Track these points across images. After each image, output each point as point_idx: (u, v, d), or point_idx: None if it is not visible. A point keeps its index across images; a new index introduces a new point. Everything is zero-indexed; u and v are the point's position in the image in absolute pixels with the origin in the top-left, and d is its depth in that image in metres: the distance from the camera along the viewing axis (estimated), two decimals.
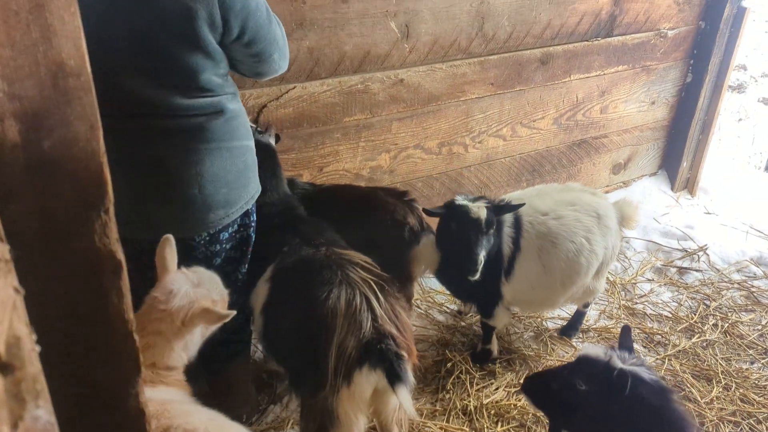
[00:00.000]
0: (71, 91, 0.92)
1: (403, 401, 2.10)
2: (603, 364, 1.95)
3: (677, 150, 4.92)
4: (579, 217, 2.99)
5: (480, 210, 2.76)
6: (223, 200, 2.28)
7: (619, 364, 1.93)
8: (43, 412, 0.56)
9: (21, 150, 0.89)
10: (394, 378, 2.09)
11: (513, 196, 3.17)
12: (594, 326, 3.50)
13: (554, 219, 2.97)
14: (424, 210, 2.91)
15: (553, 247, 2.94)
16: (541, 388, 2.07)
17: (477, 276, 2.74)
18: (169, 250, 1.92)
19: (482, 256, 2.73)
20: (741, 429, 2.87)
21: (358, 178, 3.62)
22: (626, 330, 2.17)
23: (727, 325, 3.54)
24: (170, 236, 1.94)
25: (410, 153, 3.78)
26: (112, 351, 1.16)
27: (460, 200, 2.84)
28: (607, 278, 3.90)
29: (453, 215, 2.80)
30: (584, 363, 2.00)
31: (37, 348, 0.62)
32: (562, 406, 2.05)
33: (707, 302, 3.74)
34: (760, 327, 3.55)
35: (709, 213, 4.70)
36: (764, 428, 2.89)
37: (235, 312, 1.82)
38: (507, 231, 2.93)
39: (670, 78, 4.70)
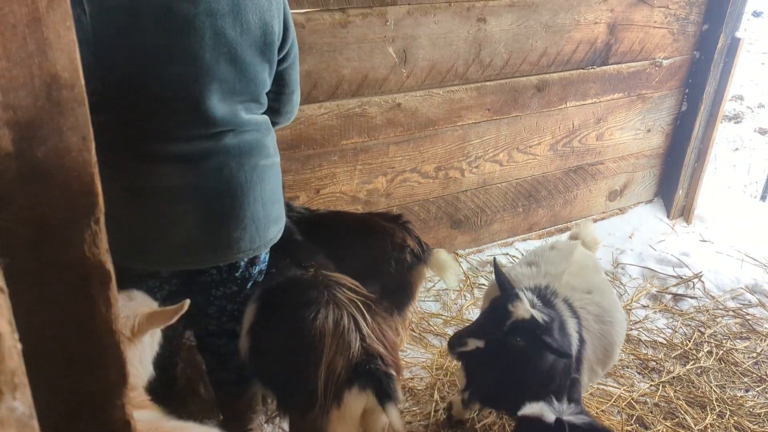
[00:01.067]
0: (65, 102, 0.94)
1: (392, 419, 2.10)
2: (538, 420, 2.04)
3: (673, 178, 4.96)
4: (603, 279, 2.86)
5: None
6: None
7: (551, 417, 2.01)
8: (19, 404, 0.58)
9: (14, 158, 0.92)
10: (384, 397, 2.09)
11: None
12: None
13: (598, 294, 2.71)
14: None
15: (611, 326, 2.67)
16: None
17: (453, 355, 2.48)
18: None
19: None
20: None
21: (354, 201, 3.65)
22: (574, 381, 2.28)
23: (721, 352, 3.53)
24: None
25: (407, 176, 3.82)
26: (98, 361, 1.17)
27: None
28: None
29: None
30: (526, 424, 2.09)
31: (19, 346, 0.63)
32: None
33: (702, 329, 3.73)
34: (755, 354, 3.54)
35: (704, 241, 4.72)
36: None
37: (187, 300, 1.78)
38: (570, 324, 2.51)
39: (666, 106, 4.76)
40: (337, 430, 2.16)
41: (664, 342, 3.61)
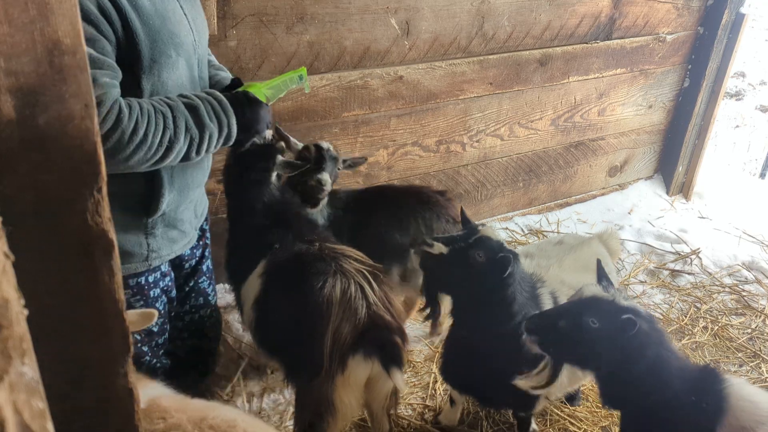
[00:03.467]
0: (67, 68, 0.93)
1: (398, 383, 2.15)
2: (610, 302, 2.03)
3: (673, 154, 4.95)
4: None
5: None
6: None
7: (624, 302, 2.02)
8: (28, 369, 0.58)
9: (16, 125, 0.91)
10: (389, 363, 2.12)
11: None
12: None
13: None
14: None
15: None
16: (550, 326, 2.08)
17: None
18: None
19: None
20: None
21: (355, 174, 3.64)
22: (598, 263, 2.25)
23: (717, 327, 3.56)
24: None
25: (408, 150, 3.80)
26: (101, 329, 1.17)
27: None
28: None
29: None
30: (593, 302, 2.05)
31: (25, 311, 0.64)
32: (571, 344, 2.08)
33: (698, 305, 3.76)
34: (749, 330, 3.57)
35: (703, 217, 4.73)
36: None
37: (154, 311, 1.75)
38: None
39: (668, 82, 4.73)
40: (342, 396, 2.19)
41: (661, 317, 3.64)
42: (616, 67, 4.39)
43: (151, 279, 2.19)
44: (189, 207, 2.24)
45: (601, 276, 2.18)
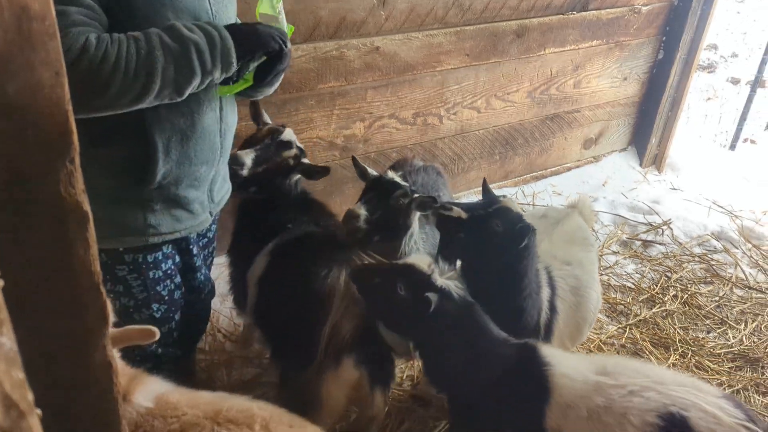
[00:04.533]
0: (35, 35, 0.90)
1: (376, 403, 2.20)
2: (424, 276, 2.08)
3: (647, 126, 5.00)
4: (589, 256, 2.76)
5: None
6: None
7: (438, 282, 2.06)
8: (6, 340, 0.58)
9: None
10: (377, 382, 2.17)
11: None
12: None
13: (578, 268, 2.66)
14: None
15: (586, 301, 2.62)
16: (366, 278, 2.16)
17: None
18: None
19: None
20: None
21: (332, 147, 3.62)
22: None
23: (686, 296, 3.65)
24: None
25: (385, 122, 3.78)
26: (77, 303, 1.16)
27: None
28: None
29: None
30: (409, 271, 2.10)
31: (1, 282, 0.63)
32: (380, 302, 2.15)
33: (669, 274, 3.85)
34: (717, 298, 3.67)
35: (674, 189, 4.81)
36: None
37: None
38: (544, 292, 2.47)
39: (643, 54, 4.76)
40: (330, 390, 2.19)
41: (633, 287, 3.72)
42: (591, 39, 4.40)
43: (150, 258, 2.07)
44: (197, 186, 2.08)
45: (443, 250, 2.27)
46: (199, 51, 1.74)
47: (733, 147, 5.52)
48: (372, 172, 2.59)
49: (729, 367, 3.17)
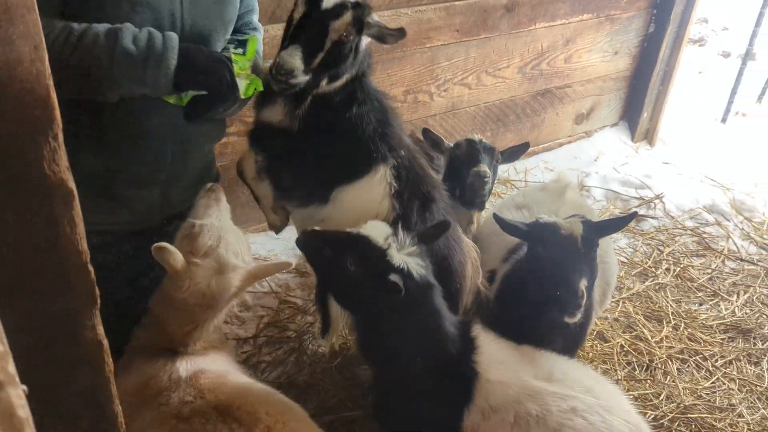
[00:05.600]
0: (13, 8, 0.88)
1: None
2: (380, 253, 1.84)
3: (638, 101, 4.99)
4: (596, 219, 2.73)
5: (575, 226, 2.17)
6: None
7: (396, 260, 1.83)
8: None
9: None
10: None
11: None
12: None
13: None
14: (501, 221, 2.29)
15: (608, 267, 2.61)
16: (317, 248, 1.96)
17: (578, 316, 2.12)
18: None
19: (583, 286, 2.08)
20: (688, 365, 3.02)
21: None
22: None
23: (678, 269, 3.67)
24: None
25: None
26: (66, 282, 1.15)
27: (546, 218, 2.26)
28: None
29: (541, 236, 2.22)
30: (363, 244, 1.87)
31: None
32: (329, 274, 1.99)
33: (661, 248, 3.87)
34: (709, 271, 3.69)
35: (666, 163, 4.81)
36: (709, 365, 3.04)
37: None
38: None
39: (633, 28, 4.72)
40: None
41: (626, 261, 3.73)
42: (582, 13, 4.37)
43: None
44: (140, 186, 2.07)
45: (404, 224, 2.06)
46: (129, 64, 1.77)
47: (724, 120, 5.51)
48: (447, 143, 2.69)
49: (721, 339, 3.20)
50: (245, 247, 2.02)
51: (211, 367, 1.90)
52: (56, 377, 1.22)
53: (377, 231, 1.89)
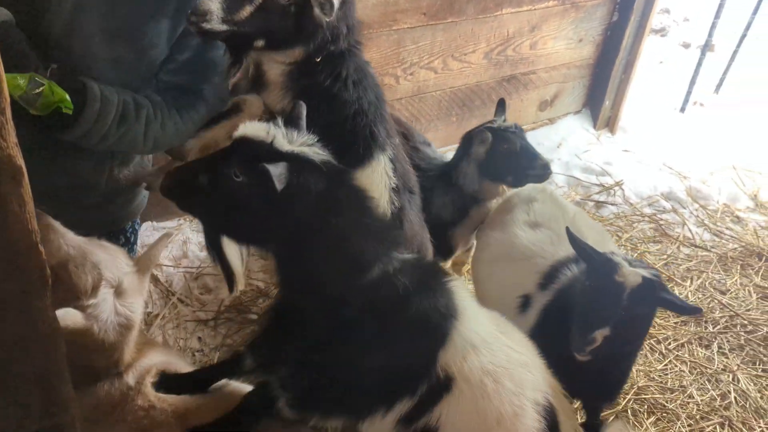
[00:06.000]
0: None
1: None
2: (265, 147, 1.52)
3: (600, 89, 5.06)
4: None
5: (634, 277, 1.93)
6: None
7: (286, 148, 1.53)
8: None
9: None
10: None
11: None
12: None
13: (611, 243, 2.60)
14: (574, 242, 2.08)
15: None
16: (187, 183, 1.60)
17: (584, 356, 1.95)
18: None
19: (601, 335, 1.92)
20: (642, 349, 3.10)
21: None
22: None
23: (636, 255, 3.76)
24: None
25: None
26: (15, 263, 1.11)
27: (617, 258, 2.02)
28: None
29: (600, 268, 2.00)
30: (242, 146, 1.55)
31: None
32: (216, 208, 1.61)
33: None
34: (665, 257, 3.79)
35: (626, 151, 4.91)
36: (663, 348, 3.13)
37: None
38: None
39: (598, 16, 4.77)
40: None
41: None
42: (548, 0, 4.39)
43: None
44: (53, 190, 2.01)
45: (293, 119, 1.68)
46: None
47: (683, 110, 5.63)
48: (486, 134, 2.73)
49: (674, 322, 3.29)
50: (111, 247, 1.83)
51: (154, 362, 1.83)
52: (7, 359, 1.19)
53: (254, 128, 1.57)
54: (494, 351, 1.61)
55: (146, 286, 1.85)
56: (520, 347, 1.71)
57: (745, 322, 3.29)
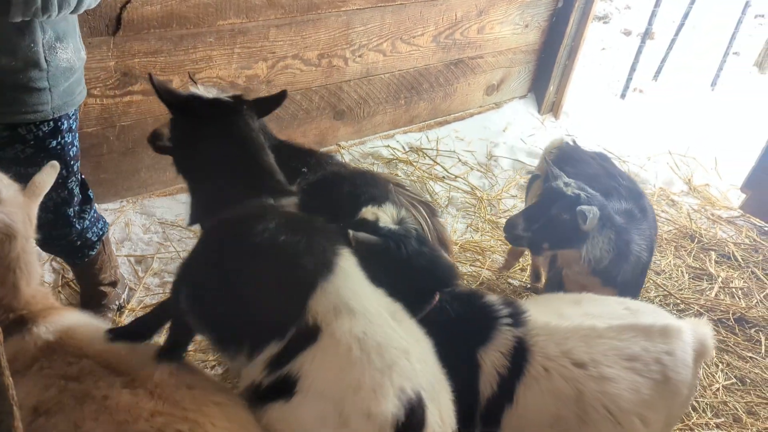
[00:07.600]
0: None
1: None
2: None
3: (545, 74, 5.16)
4: None
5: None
6: None
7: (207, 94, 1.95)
8: None
9: None
10: None
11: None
12: (461, 239, 3.70)
13: None
14: None
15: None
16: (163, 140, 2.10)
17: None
18: None
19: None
20: None
21: (233, 87, 3.47)
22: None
23: None
24: None
25: (289, 63, 3.67)
26: None
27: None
28: (474, 194, 4.13)
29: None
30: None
31: None
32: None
33: None
34: None
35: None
36: None
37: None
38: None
39: (544, 2, 4.85)
40: None
41: None
42: None
43: None
44: None
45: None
46: None
47: (623, 96, 5.81)
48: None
49: None
50: None
51: (75, 320, 1.76)
52: None
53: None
54: (373, 325, 1.59)
55: (34, 211, 1.78)
56: (409, 336, 1.66)
57: (678, 301, 3.46)
